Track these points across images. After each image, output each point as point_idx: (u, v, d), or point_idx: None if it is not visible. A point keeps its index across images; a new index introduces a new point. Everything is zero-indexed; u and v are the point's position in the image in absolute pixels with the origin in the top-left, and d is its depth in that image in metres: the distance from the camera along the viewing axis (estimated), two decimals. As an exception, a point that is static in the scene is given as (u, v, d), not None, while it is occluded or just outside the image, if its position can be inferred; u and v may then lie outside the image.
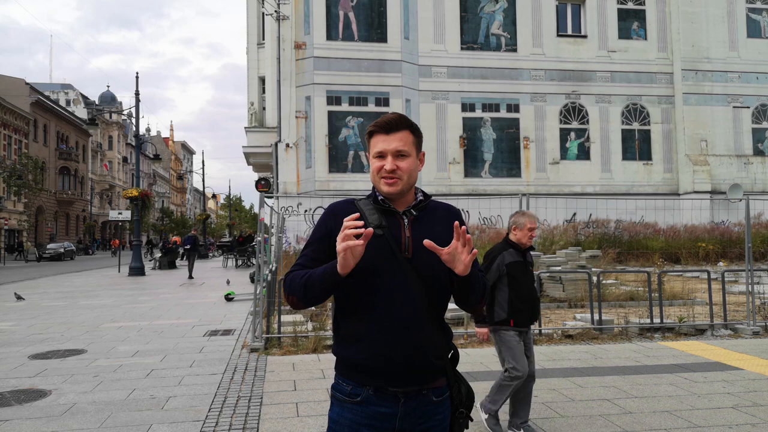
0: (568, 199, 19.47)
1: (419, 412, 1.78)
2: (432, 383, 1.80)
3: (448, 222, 1.87)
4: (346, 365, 1.81)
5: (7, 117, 43.89)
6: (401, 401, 1.76)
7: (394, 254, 1.76)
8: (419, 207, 1.87)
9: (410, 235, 1.80)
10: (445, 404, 1.84)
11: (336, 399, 1.83)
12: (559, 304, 9.89)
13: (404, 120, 1.85)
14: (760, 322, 7.73)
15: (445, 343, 1.85)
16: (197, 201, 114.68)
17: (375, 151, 1.83)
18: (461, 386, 1.88)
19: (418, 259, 1.77)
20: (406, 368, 1.74)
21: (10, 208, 42.41)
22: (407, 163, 1.81)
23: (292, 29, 20.91)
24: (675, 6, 23.37)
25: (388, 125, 1.82)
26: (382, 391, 1.75)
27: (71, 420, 4.40)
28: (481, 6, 22.46)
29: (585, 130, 22.95)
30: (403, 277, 1.74)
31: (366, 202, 1.87)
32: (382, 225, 1.79)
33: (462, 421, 1.87)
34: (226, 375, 5.76)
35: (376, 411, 1.76)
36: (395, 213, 1.83)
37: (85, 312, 10.67)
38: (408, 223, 1.82)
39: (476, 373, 5.64)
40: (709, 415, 4.31)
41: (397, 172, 1.79)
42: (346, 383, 1.80)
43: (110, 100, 69.16)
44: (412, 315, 1.74)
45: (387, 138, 1.81)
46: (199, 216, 46.88)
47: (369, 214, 1.81)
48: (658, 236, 17.62)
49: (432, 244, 1.67)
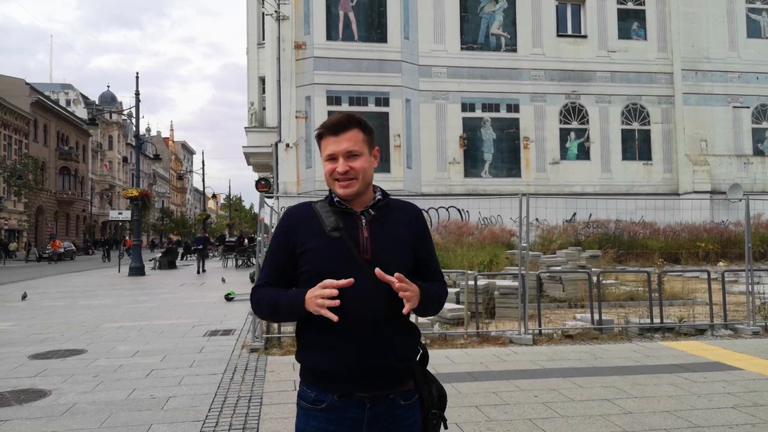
0: (568, 199, 19.45)
1: (388, 418, 1.73)
2: (399, 387, 1.75)
3: (409, 222, 1.86)
4: (310, 372, 1.77)
5: (8, 117, 43.89)
6: (367, 406, 1.71)
7: (352, 256, 1.72)
8: (377, 206, 1.82)
9: (368, 236, 1.76)
10: (414, 407, 1.79)
11: (301, 408, 1.78)
12: (559, 304, 9.88)
13: (352, 118, 1.79)
14: (760, 322, 7.73)
15: (412, 344, 1.81)
16: (197, 201, 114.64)
17: (326, 153, 1.78)
18: (432, 387, 1.84)
19: (378, 260, 1.72)
20: (371, 372, 1.70)
21: (10, 208, 42.41)
22: (360, 163, 1.76)
23: (292, 29, 20.91)
24: (675, 6, 23.36)
25: (336, 126, 1.77)
26: (347, 397, 1.71)
27: (71, 420, 4.40)
28: (481, 6, 22.45)
29: (585, 130, 22.95)
30: (363, 279, 1.69)
31: (322, 204, 1.83)
32: (339, 227, 1.75)
33: (435, 423, 1.83)
34: (226, 375, 5.76)
35: (342, 417, 1.71)
36: (353, 213, 1.79)
37: (85, 312, 10.66)
38: (366, 224, 1.78)
39: (476, 373, 5.63)
40: (709, 415, 4.31)
41: (351, 173, 1.75)
42: (310, 390, 1.75)
43: (110, 100, 69.16)
44: (375, 317, 1.70)
45: (336, 139, 1.76)
46: (199, 216, 46.90)
47: (326, 216, 1.78)
48: (658, 236, 17.61)
49: (381, 273, 1.65)
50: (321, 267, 1.71)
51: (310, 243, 1.75)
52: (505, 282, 9.18)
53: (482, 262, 12.23)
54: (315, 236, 1.76)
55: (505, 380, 5.34)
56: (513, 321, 7.89)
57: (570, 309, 9.57)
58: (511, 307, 8.43)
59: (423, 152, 21.55)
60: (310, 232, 1.77)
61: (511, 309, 8.46)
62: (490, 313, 8.79)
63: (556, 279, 10.33)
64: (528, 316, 7.29)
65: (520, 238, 7.87)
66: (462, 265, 11.27)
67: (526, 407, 4.55)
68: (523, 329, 7.17)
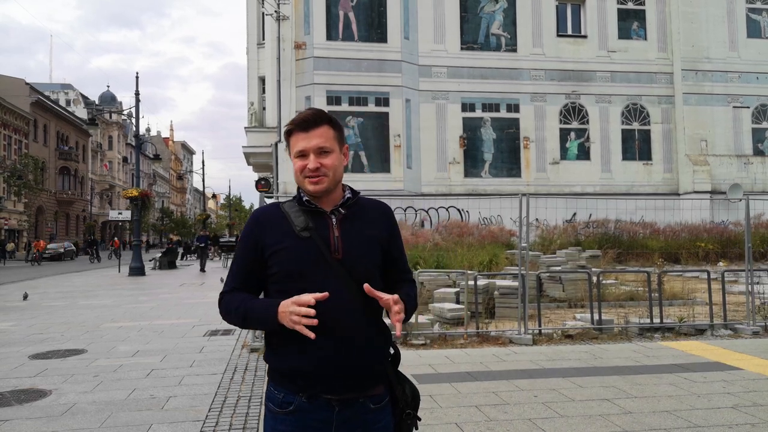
0: (568, 199, 19.44)
1: (358, 422, 1.70)
2: (368, 391, 1.72)
3: (380, 221, 1.84)
4: (278, 372, 1.73)
5: (7, 117, 43.90)
6: (336, 409, 1.68)
7: (323, 256, 1.69)
8: (347, 205, 1.80)
9: (339, 235, 1.73)
10: (385, 410, 1.76)
11: (269, 410, 1.75)
12: (559, 304, 9.88)
13: (322, 115, 1.77)
14: (759, 322, 7.73)
15: (383, 346, 1.77)
16: (197, 201, 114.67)
17: (296, 150, 1.75)
18: (405, 387, 1.81)
19: (350, 260, 1.70)
20: (340, 373, 1.66)
21: (10, 208, 42.42)
22: (331, 160, 1.75)
23: (292, 29, 20.92)
24: (675, 6, 23.36)
25: (306, 122, 1.74)
26: (315, 398, 1.67)
27: (71, 420, 4.41)
28: (481, 6, 22.45)
29: (585, 130, 22.95)
30: (335, 280, 1.67)
31: (291, 204, 1.80)
32: (309, 227, 1.72)
33: (410, 423, 1.81)
34: (226, 375, 5.76)
35: (310, 419, 1.68)
36: (322, 213, 1.76)
37: (86, 312, 10.67)
38: (336, 223, 1.75)
39: (476, 373, 5.64)
40: (709, 415, 4.31)
41: (322, 170, 1.73)
42: (278, 391, 1.71)
43: (110, 100, 69.18)
44: (347, 318, 1.67)
45: (307, 136, 1.74)
46: (199, 216, 46.91)
47: (295, 216, 1.75)
48: (658, 236, 17.60)
49: (370, 288, 1.64)
50: (291, 268, 1.68)
51: (280, 244, 1.72)
52: (505, 282, 9.18)
53: (482, 262, 12.22)
54: (284, 237, 1.72)
55: (505, 380, 5.34)
56: (513, 321, 7.89)
57: (570, 309, 9.57)
58: (511, 307, 8.43)
59: (423, 152, 21.55)
60: (279, 233, 1.73)
61: (511, 309, 8.46)
62: (490, 313, 8.79)
63: (556, 279, 10.32)
64: (528, 316, 7.29)
65: (520, 238, 7.87)
66: (462, 265, 11.26)
67: (526, 407, 4.55)
68: (523, 329, 7.17)
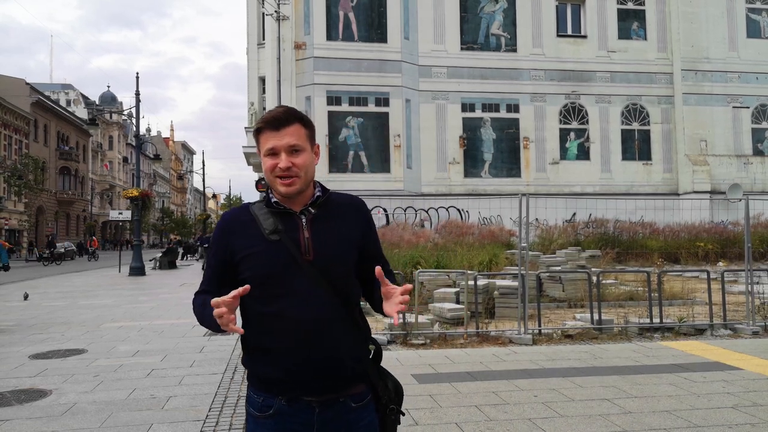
0: (568, 199, 19.46)
1: (340, 422, 1.68)
2: (348, 390, 1.70)
3: (353, 217, 1.80)
4: (256, 377, 1.71)
5: (8, 117, 43.89)
6: (316, 411, 1.66)
7: (294, 259, 1.66)
8: (317, 204, 1.75)
9: (309, 236, 1.69)
10: (368, 408, 1.74)
11: (250, 415, 1.73)
12: (559, 304, 9.89)
13: (293, 113, 1.71)
14: (759, 322, 7.73)
15: (360, 344, 1.75)
16: (197, 201, 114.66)
17: (266, 148, 1.68)
18: (387, 382, 1.80)
19: (321, 260, 1.67)
20: (317, 374, 1.64)
21: (10, 208, 42.41)
22: (303, 159, 1.69)
23: (292, 29, 20.92)
24: (675, 6, 23.37)
25: (277, 120, 1.68)
26: (295, 401, 1.65)
27: (71, 420, 4.41)
28: (481, 6, 22.46)
29: (585, 130, 22.95)
30: (307, 281, 1.65)
31: (260, 206, 1.75)
32: (278, 229, 1.68)
33: (394, 418, 1.79)
34: (227, 375, 5.76)
35: (291, 422, 1.66)
36: (292, 214, 1.72)
37: (86, 312, 10.67)
38: (306, 223, 1.71)
39: (476, 372, 5.64)
40: (709, 415, 4.31)
41: (293, 170, 1.67)
42: (257, 396, 1.70)
43: (110, 100, 69.17)
44: (322, 319, 1.64)
45: (277, 134, 1.67)
46: (199, 216, 46.89)
47: (263, 219, 1.71)
48: (658, 236, 17.61)
49: (380, 271, 1.62)
50: (261, 272, 1.65)
51: (249, 248, 1.69)
52: (504, 282, 9.18)
53: (482, 262, 12.23)
54: (253, 241, 1.69)
55: (505, 380, 5.35)
56: (513, 321, 7.89)
57: (570, 309, 9.58)
58: (511, 307, 8.44)
59: (423, 152, 21.56)
60: (248, 237, 1.70)
61: (510, 309, 8.47)
62: (490, 313, 8.80)
63: (555, 279, 10.34)
64: (528, 315, 7.30)
65: (519, 238, 7.88)
66: (462, 265, 11.27)
67: (526, 407, 4.55)
68: (523, 329, 7.18)
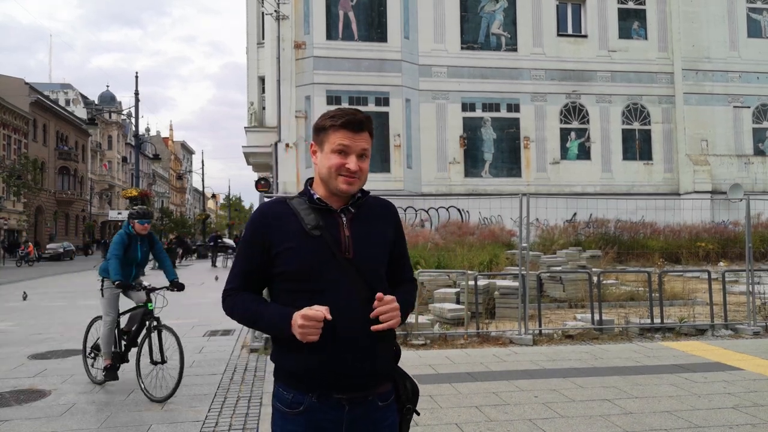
0: (569, 199, 19.44)
1: (367, 420, 1.70)
2: (378, 388, 1.73)
3: (387, 219, 1.84)
4: (286, 373, 1.72)
5: (7, 117, 43.89)
6: (346, 408, 1.68)
7: (333, 255, 1.68)
8: (357, 204, 1.78)
9: (350, 234, 1.72)
10: (391, 408, 1.77)
11: (277, 410, 1.73)
12: (560, 304, 9.87)
13: (370, 120, 1.77)
14: (760, 323, 7.72)
15: (391, 342, 1.78)
16: (197, 201, 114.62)
17: (338, 144, 1.70)
18: (406, 382, 1.82)
19: (360, 259, 1.70)
20: (352, 374, 1.66)
21: (9, 208, 42.40)
22: (367, 165, 1.75)
23: (291, 29, 20.90)
24: (675, 6, 23.34)
25: (359, 124, 1.72)
26: (326, 398, 1.67)
27: (71, 420, 4.40)
28: (482, 6, 22.44)
29: (585, 130, 22.93)
30: (345, 279, 1.67)
31: (300, 201, 1.76)
32: (319, 225, 1.70)
33: (409, 417, 1.83)
34: (226, 375, 5.75)
35: (321, 419, 1.67)
36: (332, 211, 1.74)
37: (85, 312, 10.63)
38: (347, 222, 1.74)
39: (476, 373, 5.63)
40: (710, 416, 4.30)
41: (358, 173, 1.72)
42: (287, 392, 1.70)
43: (110, 99, 69.17)
44: (357, 317, 1.66)
45: (354, 136, 1.71)
46: (198, 216, 46.89)
47: (305, 214, 1.72)
48: (659, 236, 17.59)
49: (380, 294, 1.64)
50: (300, 267, 1.67)
51: (289, 242, 1.69)
52: (505, 282, 9.16)
53: (482, 262, 12.20)
54: (294, 235, 1.69)
55: (506, 380, 5.34)
56: (513, 321, 7.88)
57: (570, 309, 9.56)
58: (512, 308, 8.42)
59: (423, 152, 21.54)
60: (288, 231, 1.71)
61: (511, 309, 8.45)
62: (490, 313, 8.78)
63: (556, 279, 10.31)
64: (528, 316, 7.28)
65: (520, 238, 7.86)
66: (462, 265, 11.25)
67: (527, 407, 4.54)
68: (524, 329, 7.16)
